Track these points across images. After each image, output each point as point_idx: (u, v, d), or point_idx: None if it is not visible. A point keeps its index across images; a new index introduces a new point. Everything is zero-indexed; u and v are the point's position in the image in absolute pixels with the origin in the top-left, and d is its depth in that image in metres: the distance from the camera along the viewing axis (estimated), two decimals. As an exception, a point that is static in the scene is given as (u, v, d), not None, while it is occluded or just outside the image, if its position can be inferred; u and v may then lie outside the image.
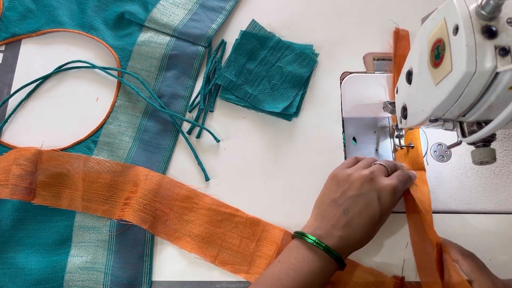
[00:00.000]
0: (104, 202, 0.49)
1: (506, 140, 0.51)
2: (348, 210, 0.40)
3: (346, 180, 0.42)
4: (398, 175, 0.44)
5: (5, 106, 0.55)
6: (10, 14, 0.58)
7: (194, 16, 0.59)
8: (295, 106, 0.53)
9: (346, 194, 0.41)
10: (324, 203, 0.43)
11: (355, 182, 0.42)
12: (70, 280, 0.46)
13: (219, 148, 0.53)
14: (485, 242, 0.47)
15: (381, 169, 0.44)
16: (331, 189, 0.43)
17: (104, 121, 0.54)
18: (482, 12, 0.29)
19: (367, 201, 0.41)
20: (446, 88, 0.32)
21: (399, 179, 0.43)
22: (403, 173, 0.44)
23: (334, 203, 0.42)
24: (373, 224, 0.41)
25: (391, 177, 0.43)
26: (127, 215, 0.47)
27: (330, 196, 0.43)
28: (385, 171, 0.44)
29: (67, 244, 0.48)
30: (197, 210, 0.49)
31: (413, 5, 0.59)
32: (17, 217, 0.48)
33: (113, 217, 0.48)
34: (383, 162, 0.45)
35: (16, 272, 0.46)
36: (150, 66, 0.56)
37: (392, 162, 0.46)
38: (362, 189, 0.41)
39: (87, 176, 0.49)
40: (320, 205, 0.43)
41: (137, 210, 0.47)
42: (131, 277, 0.46)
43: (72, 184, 0.49)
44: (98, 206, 0.48)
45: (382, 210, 0.41)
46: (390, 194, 0.41)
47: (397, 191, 0.42)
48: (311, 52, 0.56)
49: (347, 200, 0.41)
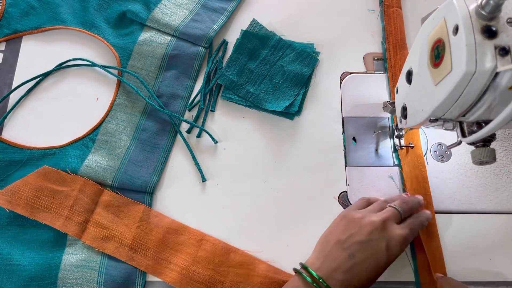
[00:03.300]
0: (152, 258, 0.46)
1: (506, 140, 0.51)
2: (354, 255, 0.39)
3: (356, 223, 0.41)
4: (411, 223, 0.42)
5: (5, 102, 0.55)
6: (13, 11, 0.58)
7: (196, 16, 0.59)
8: (297, 105, 0.53)
9: (354, 238, 0.40)
10: (330, 242, 0.41)
11: (365, 227, 0.40)
12: (64, 278, 0.46)
13: (219, 148, 0.53)
14: (485, 242, 0.47)
15: (394, 215, 0.41)
16: (339, 229, 0.41)
17: (102, 120, 0.54)
18: (482, 12, 0.29)
19: (374, 249, 0.39)
20: (446, 88, 0.32)
21: (411, 229, 0.41)
22: (416, 221, 0.42)
23: (340, 245, 0.40)
24: (377, 271, 0.39)
25: (403, 225, 0.41)
26: (179, 283, 0.45)
27: (337, 237, 0.41)
28: (398, 217, 0.42)
29: (62, 241, 0.48)
30: (252, 278, 0.45)
31: (413, 5, 0.59)
32: (13, 213, 0.49)
33: (160, 277, 0.46)
34: (397, 205, 0.43)
35: (10, 268, 0.46)
36: (150, 65, 0.56)
37: (406, 202, 0.44)
38: (372, 236, 0.39)
39: (141, 225, 0.48)
40: (325, 243, 0.41)
41: (190, 280, 0.45)
42: (125, 276, 0.46)
43: (123, 231, 0.47)
44: (144, 260, 0.46)
45: (389, 259, 0.39)
46: (399, 244, 0.39)
47: (406, 241, 0.40)
48: (312, 50, 0.56)
49: (354, 244, 0.39)
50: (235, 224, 0.49)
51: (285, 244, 0.48)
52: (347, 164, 0.51)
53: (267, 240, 0.48)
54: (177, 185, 0.51)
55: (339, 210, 0.49)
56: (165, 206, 0.50)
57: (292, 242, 0.48)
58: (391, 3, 0.58)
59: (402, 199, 0.44)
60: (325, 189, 0.50)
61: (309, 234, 0.48)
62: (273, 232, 0.49)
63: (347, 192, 0.50)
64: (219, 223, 0.49)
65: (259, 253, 0.48)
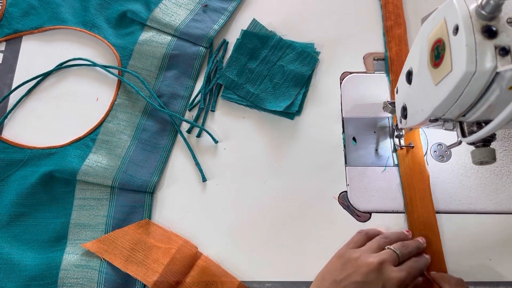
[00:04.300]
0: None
1: (506, 140, 0.51)
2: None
3: (353, 263, 0.40)
4: (409, 267, 0.41)
5: (5, 102, 0.55)
6: (13, 10, 0.58)
7: (196, 16, 0.59)
8: (297, 105, 0.53)
9: (350, 278, 0.39)
10: (326, 281, 0.41)
11: (362, 267, 0.40)
12: (65, 277, 0.46)
13: (219, 148, 0.53)
14: (485, 242, 0.47)
15: (392, 257, 0.41)
16: (336, 269, 0.41)
17: (103, 119, 0.54)
18: (482, 12, 0.29)
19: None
20: (446, 88, 0.32)
21: (409, 272, 0.40)
22: (414, 265, 0.42)
23: (336, 285, 0.40)
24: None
25: (400, 268, 0.41)
26: None
27: (333, 276, 0.41)
28: (396, 260, 0.41)
29: (63, 241, 0.48)
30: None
31: (413, 5, 0.59)
32: (14, 213, 0.49)
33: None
34: (396, 248, 0.42)
35: (11, 268, 0.46)
36: (150, 65, 0.56)
37: (406, 246, 0.43)
38: (368, 277, 0.39)
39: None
40: (321, 282, 0.41)
41: None
42: (126, 276, 0.46)
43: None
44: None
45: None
46: (395, 287, 0.39)
47: (403, 284, 0.40)
48: (312, 50, 0.56)
49: (350, 284, 0.39)
50: (235, 224, 0.49)
51: (285, 244, 0.48)
52: (347, 164, 0.51)
53: (267, 240, 0.48)
54: (178, 185, 0.51)
55: (339, 210, 0.49)
56: (165, 206, 0.50)
57: (292, 242, 0.48)
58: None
59: (402, 243, 0.43)
60: (325, 189, 0.50)
61: (309, 234, 0.48)
62: (273, 232, 0.49)
63: (347, 192, 0.50)
64: (219, 223, 0.49)
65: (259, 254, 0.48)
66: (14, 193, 0.50)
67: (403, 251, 0.42)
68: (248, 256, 0.48)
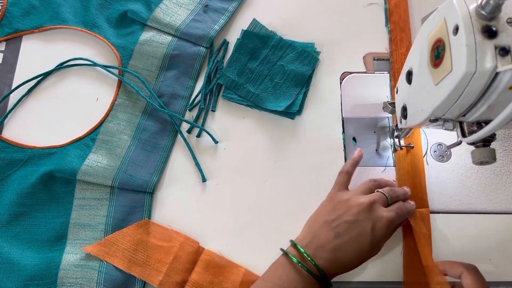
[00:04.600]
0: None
1: (506, 140, 0.51)
2: (340, 234, 0.40)
3: (344, 204, 0.42)
4: (398, 208, 0.43)
5: (5, 102, 0.55)
6: (14, 10, 0.59)
7: (197, 16, 0.59)
8: (298, 104, 0.53)
9: (341, 218, 0.41)
10: (317, 222, 0.42)
11: (353, 207, 0.41)
12: (64, 277, 0.46)
13: (219, 148, 0.53)
14: (485, 242, 0.47)
15: (381, 198, 0.43)
16: (327, 210, 0.43)
17: (103, 119, 0.54)
18: (482, 12, 0.29)
19: (360, 229, 0.40)
20: (446, 88, 0.32)
21: (397, 213, 0.42)
22: (402, 206, 0.43)
23: (328, 225, 0.41)
24: (362, 252, 0.40)
25: (389, 208, 0.42)
26: None
27: (324, 217, 0.42)
28: (385, 201, 0.43)
29: (62, 241, 0.48)
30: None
31: (413, 5, 0.59)
32: (13, 212, 0.49)
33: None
34: (385, 191, 0.44)
35: (10, 267, 0.46)
36: (151, 65, 0.56)
37: (394, 190, 0.45)
38: (358, 216, 0.40)
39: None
40: (313, 223, 0.43)
41: None
42: (125, 275, 0.46)
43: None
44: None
45: (373, 241, 0.40)
46: (384, 226, 0.40)
47: (392, 224, 0.41)
48: (312, 50, 0.56)
49: (341, 224, 0.41)
50: (235, 223, 0.49)
51: (285, 244, 0.48)
52: (347, 164, 0.51)
53: (267, 240, 0.48)
54: (177, 185, 0.51)
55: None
56: (165, 206, 0.50)
57: (292, 242, 0.48)
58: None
59: (390, 188, 0.45)
60: (325, 189, 0.50)
61: (309, 234, 0.48)
62: (273, 231, 0.49)
63: (347, 192, 0.50)
64: (219, 223, 0.49)
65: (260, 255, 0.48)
66: (14, 192, 0.50)
67: (392, 194, 0.44)
68: (248, 256, 0.48)
